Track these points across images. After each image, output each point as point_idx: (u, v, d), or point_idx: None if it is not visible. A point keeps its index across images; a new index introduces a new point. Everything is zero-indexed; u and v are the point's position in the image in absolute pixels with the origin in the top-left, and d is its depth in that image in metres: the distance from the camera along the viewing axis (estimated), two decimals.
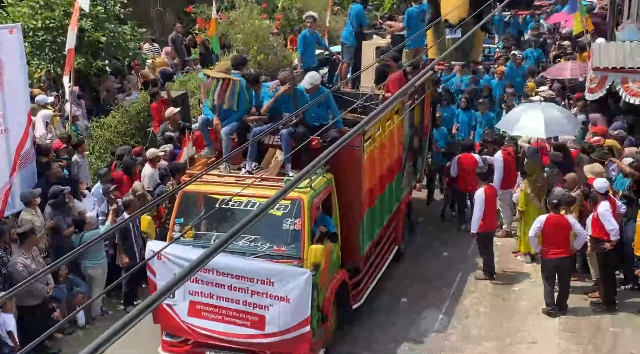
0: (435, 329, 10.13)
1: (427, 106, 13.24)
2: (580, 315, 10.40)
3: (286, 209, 8.69)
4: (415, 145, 12.63)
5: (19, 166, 10.54)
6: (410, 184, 12.66)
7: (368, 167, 9.86)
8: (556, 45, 21.87)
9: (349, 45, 13.20)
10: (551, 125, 11.95)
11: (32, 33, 14.75)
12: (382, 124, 10.54)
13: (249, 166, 9.46)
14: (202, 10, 20.33)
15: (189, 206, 9.25)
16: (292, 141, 9.36)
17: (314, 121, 9.61)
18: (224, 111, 9.69)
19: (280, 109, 9.62)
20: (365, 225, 9.92)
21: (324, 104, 9.63)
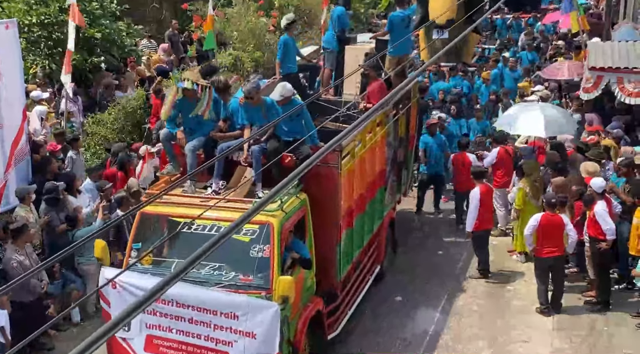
0: (429, 328, 10.12)
1: (413, 115, 12.54)
2: (574, 314, 10.41)
3: (254, 234, 7.97)
4: (400, 157, 11.99)
5: (14, 162, 10.51)
6: (395, 199, 12.01)
7: (346, 186, 9.16)
8: (552, 46, 21.92)
9: (331, 50, 12.57)
10: (550, 124, 12.06)
11: (28, 29, 14.73)
12: (362, 137, 9.84)
13: (216, 185, 8.76)
14: (199, 7, 20.31)
15: (148, 229, 8.51)
16: (263, 158, 8.67)
17: (287, 136, 8.86)
18: (191, 124, 9.03)
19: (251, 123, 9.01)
20: (343, 248, 9.24)
21: (298, 117, 8.85)
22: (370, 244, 10.63)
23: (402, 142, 12.05)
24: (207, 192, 8.72)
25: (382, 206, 10.94)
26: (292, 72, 11.53)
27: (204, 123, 9.00)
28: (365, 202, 10.04)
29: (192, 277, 7.72)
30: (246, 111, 8.95)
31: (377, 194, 10.58)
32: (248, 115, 8.97)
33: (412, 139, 12.72)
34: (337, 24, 12.57)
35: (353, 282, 9.95)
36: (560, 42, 21.61)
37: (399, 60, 12.02)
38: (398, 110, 11.43)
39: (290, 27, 11.53)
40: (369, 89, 11.05)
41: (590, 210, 10.32)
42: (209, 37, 15.93)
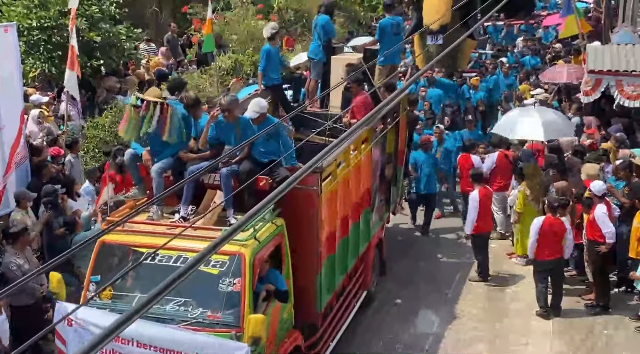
0: (429, 331, 10.12)
1: (402, 129, 11.75)
2: (573, 317, 10.42)
3: (223, 266, 7.28)
4: (388, 175, 11.23)
5: (14, 165, 10.51)
6: (383, 218, 11.29)
7: (327, 210, 8.49)
8: (551, 49, 21.92)
9: (316, 60, 11.86)
10: (549, 127, 12.11)
11: (27, 32, 14.72)
12: (346, 156, 9.17)
13: (184, 210, 8.05)
14: (198, 10, 20.33)
15: (108, 259, 7.80)
16: (235, 181, 8.00)
17: (262, 157, 8.21)
18: (157, 144, 8.30)
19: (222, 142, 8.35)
20: (324, 277, 8.58)
21: (274, 136, 8.26)
22: (355, 269, 9.98)
23: (391, 158, 11.33)
24: (174, 219, 8.01)
25: (368, 228, 10.24)
26: (275, 83, 11.12)
27: (171, 143, 8.27)
28: (349, 225, 9.38)
29: (154, 313, 7.02)
30: (218, 128, 8.27)
31: (362, 215, 9.90)
32: (220, 133, 8.29)
33: (402, 154, 11.99)
34: (322, 33, 11.86)
35: (336, 311, 9.28)
36: (558, 45, 21.61)
37: (390, 70, 11.55)
38: (386, 124, 10.76)
39: (273, 37, 11.09)
40: (354, 104, 10.48)
41: (589, 213, 10.32)
42: (208, 40, 15.95)
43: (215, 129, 8.28)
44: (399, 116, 11.33)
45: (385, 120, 10.65)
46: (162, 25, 22.38)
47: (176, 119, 8.16)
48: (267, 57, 10.98)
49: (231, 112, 8.15)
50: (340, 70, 11.37)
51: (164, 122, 8.07)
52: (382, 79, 11.41)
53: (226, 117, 8.19)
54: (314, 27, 12.13)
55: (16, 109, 10.75)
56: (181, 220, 7.97)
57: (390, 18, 11.84)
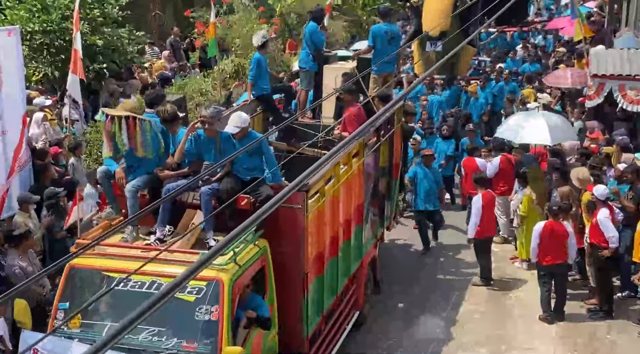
0: (431, 335, 10.10)
1: (397, 141, 11.24)
2: (577, 322, 10.39)
3: (200, 292, 6.78)
4: (381, 190, 10.75)
5: (17, 168, 10.52)
6: (376, 235, 10.76)
7: (314, 229, 8.01)
8: (554, 53, 21.88)
9: (307, 69, 11.47)
10: (555, 131, 12.08)
11: (30, 36, 14.76)
12: (335, 172, 8.63)
13: (160, 232, 7.53)
14: (201, 14, 20.35)
15: (78, 285, 7.28)
16: (215, 201, 7.56)
17: (245, 174, 7.73)
18: (132, 160, 7.85)
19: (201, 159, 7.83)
20: (312, 300, 8.08)
21: (257, 152, 7.76)
22: (346, 290, 9.49)
23: (385, 171, 10.86)
24: (149, 241, 7.51)
25: (360, 246, 9.74)
26: (265, 93, 10.81)
27: (147, 159, 7.79)
28: (339, 244, 8.91)
29: (126, 344, 6.58)
30: (197, 143, 7.78)
31: (354, 233, 9.39)
32: (199, 148, 7.78)
33: (397, 167, 11.44)
34: (310, 41, 11.44)
35: (325, 335, 8.73)
36: (562, 49, 21.58)
37: (385, 79, 11.12)
38: (379, 137, 10.30)
39: (264, 45, 10.79)
40: (345, 116, 10.10)
41: (592, 217, 10.30)
42: (211, 44, 15.97)
43: (194, 143, 7.77)
44: (393, 128, 10.89)
45: (379, 132, 10.24)
46: (165, 28, 22.42)
47: (150, 133, 7.65)
48: (257, 66, 10.63)
49: (212, 125, 7.62)
50: (332, 80, 10.95)
51: (133, 137, 7.58)
52: (377, 88, 10.99)
53: (206, 131, 7.68)
54: (304, 35, 11.80)
55: (19, 112, 10.76)
56: (157, 242, 7.45)
57: (384, 25, 11.42)
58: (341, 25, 23.00)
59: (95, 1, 15.61)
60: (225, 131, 7.80)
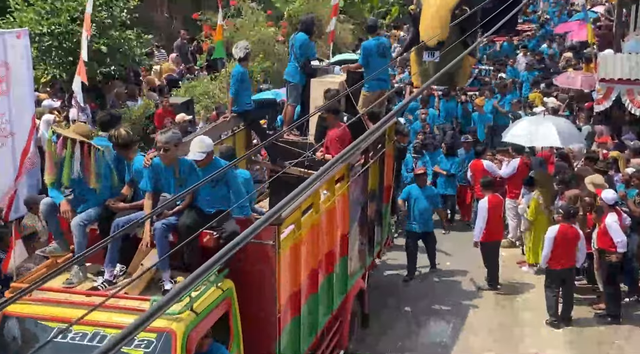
0: (437, 340, 10.08)
1: (388, 162, 10.41)
2: (584, 327, 10.36)
3: (149, 346, 5.85)
4: (370, 215, 9.80)
5: (25, 170, 10.56)
6: (365, 265, 9.81)
7: (288, 267, 7.17)
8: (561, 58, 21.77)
9: (294, 83, 10.77)
10: (564, 134, 12.05)
11: (38, 38, 14.82)
12: (314, 201, 7.75)
13: (109, 273, 6.72)
14: (209, 17, 20.40)
15: (12, 336, 6.38)
16: (174, 237, 6.76)
17: (208, 207, 6.92)
18: (81, 190, 6.99)
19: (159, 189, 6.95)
20: (286, 344, 7.29)
21: (223, 182, 6.98)
22: (329, 327, 8.63)
23: (374, 196, 9.93)
24: (97, 283, 6.67)
25: (345, 279, 8.88)
26: (248, 109, 10.18)
27: (98, 189, 6.97)
28: (320, 280, 8.03)
29: None
30: (154, 172, 6.89)
31: (337, 265, 8.53)
32: (156, 178, 6.91)
33: (388, 190, 10.62)
34: (298, 53, 10.66)
35: None
36: (568, 54, 21.50)
37: (378, 97, 10.26)
38: (367, 158, 9.44)
39: (246, 58, 10.11)
40: (327, 138, 9.36)
41: (600, 222, 10.27)
42: (218, 46, 15.99)
43: (151, 173, 6.88)
44: (383, 148, 10.03)
45: (367, 153, 9.37)
46: (173, 31, 22.47)
47: (104, 161, 6.92)
48: (240, 79, 9.92)
49: (169, 152, 6.74)
50: (321, 94, 10.23)
51: (87, 165, 6.77)
52: (368, 106, 10.21)
53: (163, 159, 6.81)
54: (290, 46, 11.00)
55: (27, 114, 10.81)
56: (105, 285, 6.64)
57: (374, 39, 10.71)
58: (348, 29, 23.00)
59: (103, 4, 15.66)
60: (185, 158, 6.95)
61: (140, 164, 7.04)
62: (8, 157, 10.38)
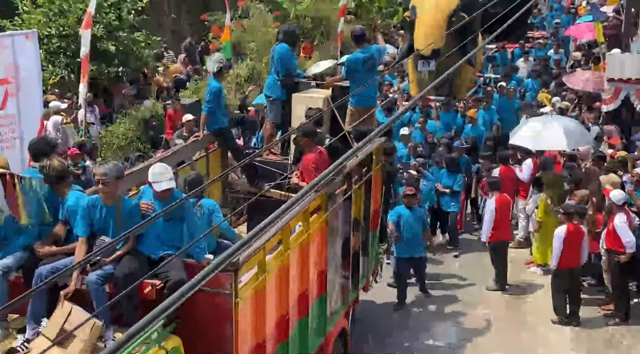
0: (445, 340, 10.06)
1: (376, 186, 9.30)
2: (592, 327, 10.31)
3: None
4: (355, 246, 8.72)
5: None
6: (348, 301, 8.74)
7: (249, 317, 6.17)
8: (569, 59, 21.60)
9: (273, 98, 9.97)
10: (571, 136, 11.97)
11: (47, 40, 14.89)
12: (284, 236, 6.69)
13: (31, 330, 5.83)
14: (217, 18, 20.45)
15: None
16: (111, 288, 5.87)
17: (156, 249, 6.13)
18: (6, 229, 6.16)
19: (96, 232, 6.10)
20: None
21: (179, 218, 6.17)
22: None
23: (359, 224, 8.82)
24: (16, 343, 5.79)
25: (323, 320, 7.85)
26: (223, 127, 9.41)
27: (26, 229, 6.12)
28: (291, 326, 7.03)
29: None
30: (90, 212, 6.04)
31: (313, 307, 7.51)
32: (93, 219, 6.05)
33: (376, 216, 9.53)
34: (279, 65, 9.84)
35: None
36: (577, 53, 21.37)
37: (364, 113, 9.44)
38: (351, 184, 8.34)
39: (221, 71, 9.33)
40: (302, 163, 8.42)
41: (609, 222, 10.24)
42: (226, 47, 16.05)
43: (86, 213, 6.04)
44: (370, 172, 8.96)
45: (350, 179, 8.32)
46: (181, 32, 22.53)
47: (34, 195, 6.13)
48: (216, 95, 9.19)
49: (111, 187, 5.98)
50: (303, 111, 9.44)
51: (12, 200, 5.97)
52: (353, 122, 9.39)
53: (103, 196, 6.03)
54: (271, 58, 10.15)
55: (36, 116, 10.85)
56: (24, 346, 5.74)
57: (360, 52, 9.77)
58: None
59: (111, 5, 15.73)
60: (128, 198, 6.29)
61: (74, 200, 6.17)
62: (17, 159, 10.40)
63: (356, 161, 8.11)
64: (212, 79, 9.34)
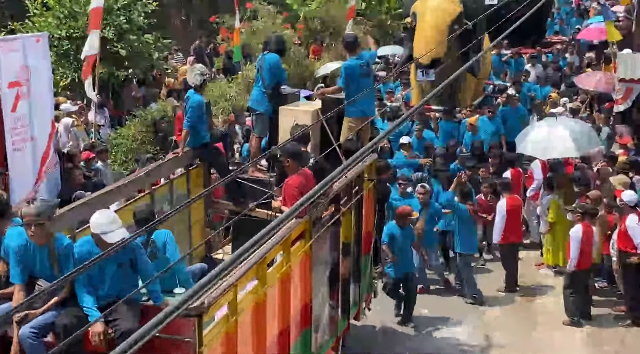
0: (456, 342, 10.02)
1: (367, 207, 8.66)
2: (604, 329, 10.26)
3: None
4: (344, 273, 8.02)
5: (44, 173, 10.64)
6: (337, 333, 8.02)
7: None
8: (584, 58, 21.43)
9: (260, 112, 9.45)
10: (579, 141, 11.78)
11: (57, 42, 14.97)
12: (261, 271, 5.91)
13: None
14: (225, 20, 20.49)
15: None
16: (53, 337, 5.35)
17: (106, 296, 5.56)
18: None
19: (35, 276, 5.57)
20: None
21: (129, 264, 5.64)
22: None
23: (349, 249, 8.11)
24: None
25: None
26: (205, 142, 8.84)
27: None
28: None
29: None
30: (22, 254, 5.48)
31: (296, 344, 6.84)
32: (27, 262, 5.49)
33: (368, 239, 8.86)
34: (267, 76, 9.30)
35: None
36: (591, 53, 21.21)
37: (362, 122, 9.01)
38: (339, 207, 7.62)
39: (202, 85, 8.77)
40: (285, 188, 7.49)
41: (621, 223, 10.20)
42: (237, 50, 16.09)
43: (19, 256, 5.47)
44: (361, 191, 8.32)
45: (338, 200, 7.63)
46: (190, 34, 22.60)
47: None
48: (199, 110, 8.61)
49: (43, 228, 5.39)
50: (290, 124, 8.88)
51: None
52: (350, 134, 8.95)
53: (35, 237, 5.41)
54: (257, 69, 9.59)
55: (47, 118, 10.90)
56: None
57: (355, 59, 9.39)
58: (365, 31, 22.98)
59: (122, 8, 15.79)
60: (62, 235, 5.72)
61: (11, 238, 5.54)
62: (28, 161, 10.45)
63: (345, 181, 7.48)
64: (192, 93, 8.71)
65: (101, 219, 5.51)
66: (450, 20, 14.40)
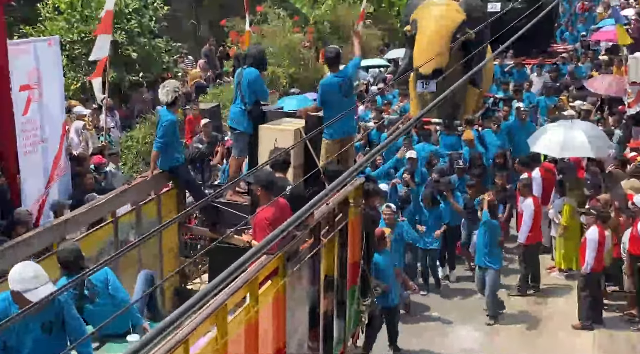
0: (466, 345, 10.01)
1: (354, 235, 7.75)
2: (614, 332, 10.23)
3: None
4: (326, 310, 7.16)
5: (55, 176, 10.69)
6: None
7: None
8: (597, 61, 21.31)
9: (240, 131, 8.65)
10: (595, 143, 11.74)
11: (69, 46, 15.06)
12: (219, 322, 4.99)
13: None
14: (235, 23, 20.57)
15: None
16: None
17: None
18: None
19: None
20: None
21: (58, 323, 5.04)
22: None
23: (331, 284, 7.26)
24: None
25: None
26: (177, 164, 8.18)
27: None
28: None
29: None
30: None
31: None
32: None
33: (355, 270, 7.89)
34: (247, 93, 8.51)
35: None
36: (604, 57, 21.11)
37: (342, 145, 8.35)
38: (319, 237, 6.78)
39: (175, 102, 8.05)
40: (256, 219, 6.80)
41: (632, 227, 10.16)
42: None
43: None
44: (345, 219, 7.40)
45: (319, 230, 6.75)
46: (200, 38, 22.68)
47: None
48: (171, 130, 8.00)
49: None
50: (271, 144, 8.23)
51: None
52: (330, 156, 8.27)
53: None
54: (236, 84, 8.75)
55: (58, 121, 10.95)
56: None
57: (334, 76, 8.60)
58: (374, 34, 23.00)
59: (133, 12, 15.87)
60: None
61: None
62: (39, 164, 10.50)
63: (325, 209, 6.72)
64: (164, 111, 8.09)
65: (24, 274, 4.76)
66: (453, 29, 13.77)
